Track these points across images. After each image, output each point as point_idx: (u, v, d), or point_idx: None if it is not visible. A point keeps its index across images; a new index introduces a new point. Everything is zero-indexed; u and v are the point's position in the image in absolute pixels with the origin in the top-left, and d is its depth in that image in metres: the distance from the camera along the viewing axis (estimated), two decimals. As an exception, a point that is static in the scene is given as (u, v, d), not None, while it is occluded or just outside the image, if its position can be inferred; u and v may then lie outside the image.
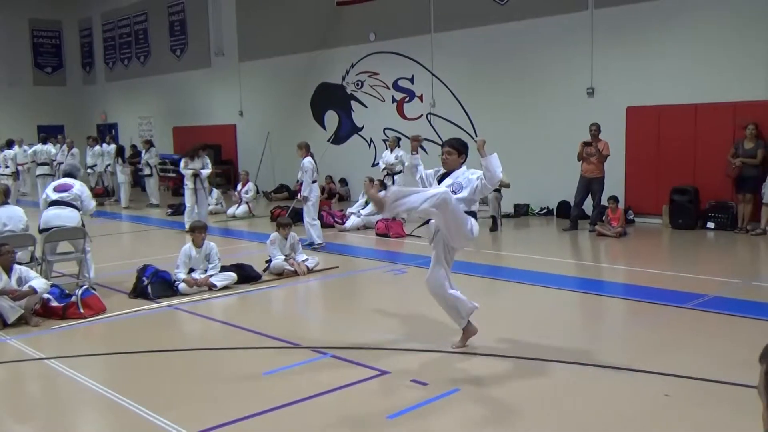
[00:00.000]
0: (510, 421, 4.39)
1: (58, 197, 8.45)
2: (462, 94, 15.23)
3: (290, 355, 5.78)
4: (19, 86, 26.50)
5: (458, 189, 5.64)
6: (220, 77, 21.37)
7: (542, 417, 4.42)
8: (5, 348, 6.22)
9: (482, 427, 4.31)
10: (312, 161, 11.03)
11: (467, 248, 10.73)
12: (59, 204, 8.41)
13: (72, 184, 8.63)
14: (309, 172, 10.92)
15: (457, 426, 4.32)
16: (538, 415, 4.44)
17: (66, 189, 8.52)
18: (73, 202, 8.47)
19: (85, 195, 8.65)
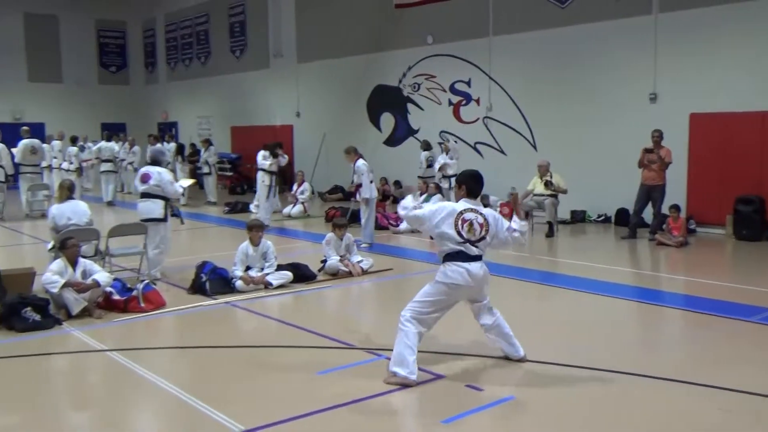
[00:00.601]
0: (566, 430, 4.32)
1: (143, 189, 8.73)
2: (520, 98, 15.09)
3: (344, 356, 5.80)
4: (85, 85, 27.27)
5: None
6: (278, 78, 21.61)
7: (598, 428, 4.34)
8: (69, 339, 6.40)
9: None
10: (365, 163, 11.14)
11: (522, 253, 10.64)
12: (145, 196, 8.70)
13: (151, 174, 8.75)
14: (365, 173, 11.04)
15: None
16: (594, 426, 4.36)
17: (146, 180, 8.75)
18: (155, 192, 8.68)
19: (165, 181, 8.68)
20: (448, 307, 5.24)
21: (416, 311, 5.12)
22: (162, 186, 8.65)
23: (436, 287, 5.15)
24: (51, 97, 26.12)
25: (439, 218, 5.13)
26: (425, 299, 5.16)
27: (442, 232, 5.12)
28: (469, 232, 5.13)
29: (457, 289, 5.15)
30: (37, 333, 6.48)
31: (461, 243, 5.10)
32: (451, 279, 5.09)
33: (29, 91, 25.80)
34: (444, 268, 5.13)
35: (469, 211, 5.20)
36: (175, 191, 8.87)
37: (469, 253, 5.12)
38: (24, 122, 22.18)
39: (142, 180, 8.74)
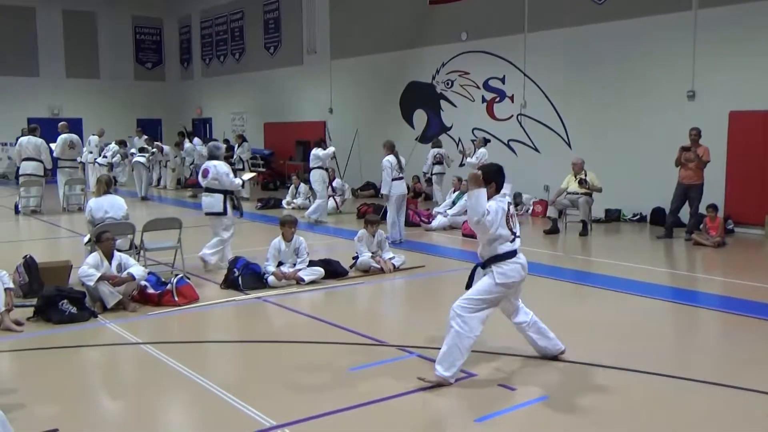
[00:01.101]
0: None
1: (204, 184, 9.06)
2: (554, 95, 14.94)
3: (376, 353, 5.79)
4: (121, 80, 27.64)
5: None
6: (312, 74, 21.68)
7: (634, 430, 4.26)
8: (104, 331, 6.48)
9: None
10: (390, 160, 11.16)
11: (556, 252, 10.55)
12: (206, 191, 9.05)
13: (209, 169, 9.03)
14: (386, 170, 11.09)
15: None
16: (630, 428, 4.28)
17: (205, 175, 9.07)
18: (215, 186, 8.94)
19: (221, 174, 8.93)
20: (497, 304, 5.17)
21: (472, 309, 4.97)
22: (219, 179, 8.89)
23: (496, 288, 5.03)
24: (88, 93, 26.52)
25: (498, 221, 5.01)
26: (482, 297, 5.01)
27: (500, 234, 5.01)
28: (514, 225, 5.16)
29: (513, 287, 5.15)
30: (73, 325, 6.58)
31: (513, 239, 5.09)
32: (512, 278, 5.05)
33: (67, 87, 26.22)
34: (502, 269, 5.02)
35: (509, 205, 5.19)
36: (232, 183, 9.09)
37: (517, 247, 5.12)
38: (62, 117, 22.55)
39: (203, 175, 9.07)
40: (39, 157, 15.28)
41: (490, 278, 5.03)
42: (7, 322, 6.39)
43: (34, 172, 15.20)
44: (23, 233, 13.43)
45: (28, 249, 9.07)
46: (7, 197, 18.63)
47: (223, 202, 8.97)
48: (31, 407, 4.63)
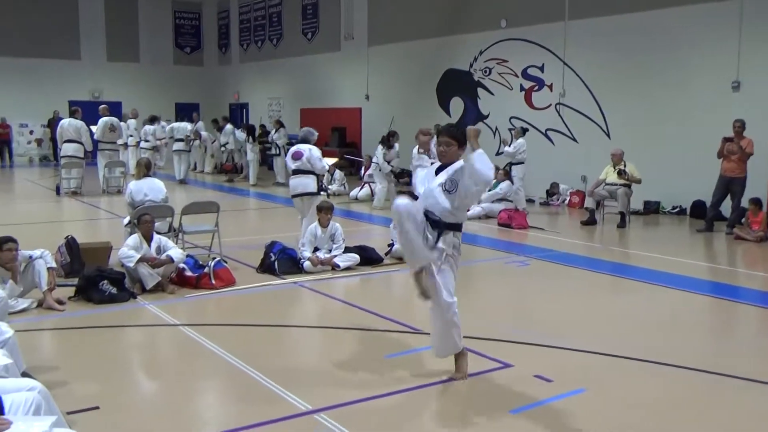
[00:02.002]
0: (644, 429, 4.20)
1: (295, 166, 9.28)
2: (594, 85, 14.72)
3: (411, 340, 5.79)
4: (161, 65, 27.91)
5: (452, 188, 4.64)
6: (349, 61, 21.66)
7: (674, 426, 4.21)
8: (143, 312, 6.59)
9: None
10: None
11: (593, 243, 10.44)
12: (298, 172, 9.25)
13: (302, 151, 9.28)
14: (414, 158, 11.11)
15: (584, 427, 4.17)
16: (670, 424, 4.23)
17: (298, 157, 9.26)
18: (306, 168, 9.20)
19: (315, 158, 9.27)
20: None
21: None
22: (312, 162, 9.21)
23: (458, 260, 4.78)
24: (128, 77, 26.82)
25: None
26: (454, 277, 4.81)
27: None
28: None
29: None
30: (112, 305, 6.70)
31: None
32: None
33: (108, 71, 26.56)
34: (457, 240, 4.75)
35: None
36: (322, 167, 9.42)
37: None
38: (102, 101, 22.87)
39: (295, 157, 9.26)
40: (80, 139, 15.51)
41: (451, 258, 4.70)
42: (50, 300, 6.52)
43: (74, 154, 15.45)
44: (64, 214, 13.68)
45: (69, 230, 9.24)
46: (48, 179, 19.00)
47: (317, 183, 9.31)
48: (72, 385, 4.73)
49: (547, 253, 9.55)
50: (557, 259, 9.16)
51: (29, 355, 4.82)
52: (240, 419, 4.23)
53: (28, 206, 14.67)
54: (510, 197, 13.10)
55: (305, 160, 9.23)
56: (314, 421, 4.21)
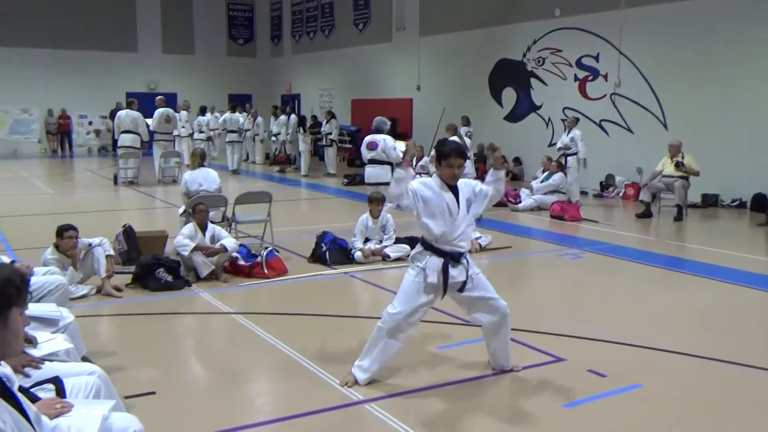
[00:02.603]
0: (701, 427, 4.10)
1: (370, 156, 9.61)
2: (651, 74, 14.38)
3: (462, 332, 5.76)
4: (214, 57, 28.29)
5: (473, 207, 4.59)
6: (400, 51, 21.60)
7: (735, 425, 4.09)
8: (197, 300, 6.70)
9: (669, 429, 4.05)
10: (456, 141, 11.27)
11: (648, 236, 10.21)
12: (373, 162, 9.61)
13: (377, 141, 9.61)
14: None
15: (639, 424, 4.08)
16: (731, 423, 4.11)
17: (373, 148, 9.62)
18: (381, 158, 9.57)
19: (389, 147, 9.61)
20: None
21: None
22: (387, 152, 9.56)
23: None
24: (183, 68, 27.28)
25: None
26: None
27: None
28: None
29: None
30: (168, 293, 6.83)
31: None
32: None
33: (163, 63, 27.06)
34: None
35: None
36: (397, 156, 9.66)
37: None
38: (158, 92, 23.31)
39: (370, 147, 9.58)
40: (136, 130, 15.82)
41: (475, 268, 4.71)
42: (108, 287, 6.68)
43: (131, 145, 15.78)
44: (122, 203, 14.01)
45: (126, 218, 9.44)
46: (106, 168, 19.47)
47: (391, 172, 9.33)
48: (129, 370, 4.84)
49: (600, 246, 9.38)
50: (611, 252, 9.00)
51: (88, 340, 4.94)
52: (291, 407, 4.27)
53: (87, 195, 15.06)
54: (563, 189, 12.91)
55: (380, 150, 9.53)
56: (365, 411, 4.22)
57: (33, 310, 4.03)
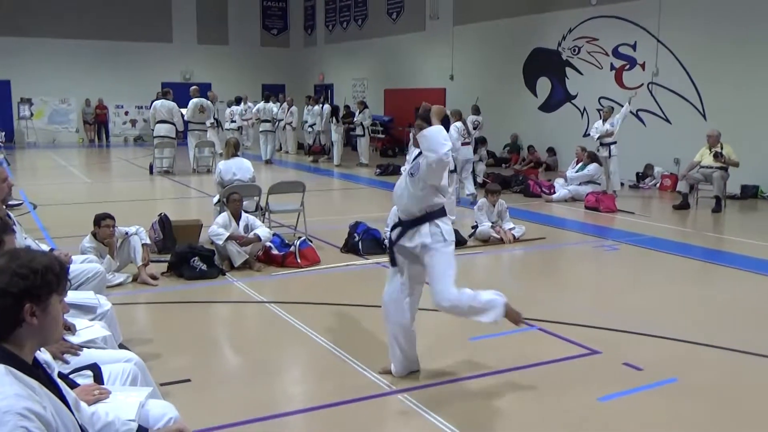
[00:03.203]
0: (743, 424, 4.02)
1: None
2: (690, 63, 14.10)
3: (495, 324, 5.70)
4: (248, 47, 28.43)
5: (415, 170, 4.23)
6: (433, 41, 21.48)
7: (774, 421, 4.02)
8: (231, 289, 6.75)
9: (706, 425, 3.99)
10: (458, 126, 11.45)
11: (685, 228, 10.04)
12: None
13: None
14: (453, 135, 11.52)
15: (675, 419, 4.03)
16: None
17: None
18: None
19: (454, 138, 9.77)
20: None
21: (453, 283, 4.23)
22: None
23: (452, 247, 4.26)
24: (217, 58, 27.48)
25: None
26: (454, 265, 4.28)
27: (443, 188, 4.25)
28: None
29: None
30: (203, 281, 6.89)
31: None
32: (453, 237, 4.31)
33: (198, 53, 27.27)
34: (446, 225, 4.26)
35: None
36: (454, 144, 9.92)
37: None
38: (193, 82, 23.52)
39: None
40: (171, 120, 15.98)
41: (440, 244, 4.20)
42: (144, 276, 6.76)
43: (167, 134, 15.94)
44: (157, 192, 14.17)
45: (161, 207, 9.55)
46: (142, 158, 19.71)
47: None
48: (165, 357, 4.90)
49: (636, 238, 9.25)
50: (647, 244, 8.87)
51: (124, 327, 5.00)
52: (324, 396, 4.28)
53: (123, 184, 15.27)
54: (598, 180, 12.74)
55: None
56: (396, 401, 4.22)
57: (71, 297, 4.09)
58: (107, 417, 2.43)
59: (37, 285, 2.03)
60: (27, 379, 2.00)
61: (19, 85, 24.48)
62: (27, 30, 24.08)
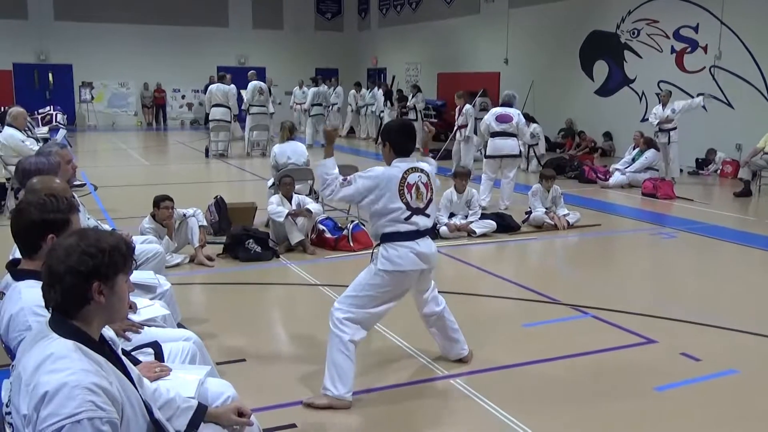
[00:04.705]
0: (798, 414, 3.92)
1: (500, 128, 9.88)
2: (755, 46, 13.61)
3: (549, 310, 5.67)
4: (302, 31, 28.55)
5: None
6: (488, 24, 21.23)
7: (839, 416, 3.89)
8: (286, 271, 6.84)
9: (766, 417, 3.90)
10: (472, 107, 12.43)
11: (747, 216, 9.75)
12: (503, 134, 9.91)
13: (512, 115, 9.93)
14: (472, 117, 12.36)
15: (736, 410, 3.94)
16: (835, 414, 3.92)
17: (506, 120, 9.86)
18: (511, 131, 9.89)
19: (522, 123, 10.00)
20: (393, 299, 4.08)
21: (353, 310, 3.97)
22: (520, 127, 9.96)
23: (377, 278, 3.95)
24: (272, 43, 27.66)
25: (376, 192, 3.96)
26: (363, 294, 3.98)
27: (384, 208, 3.95)
28: (417, 198, 3.99)
29: (404, 278, 4.00)
30: (257, 263, 7.00)
31: (408, 216, 3.98)
32: (400, 266, 3.94)
33: (253, 37, 27.48)
34: (387, 253, 3.94)
35: (411, 172, 4.03)
36: (526, 132, 10.38)
37: (419, 228, 4.00)
38: (248, 66, 23.75)
39: (502, 120, 9.89)
40: (227, 104, 16.16)
41: (371, 264, 4.02)
42: (201, 257, 6.90)
43: (222, 118, 16.13)
44: (212, 175, 14.40)
45: (217, 190, 9.69)
46: (198, 141, 20.03)
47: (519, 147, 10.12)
48: (221, 337, 4.99)
49: (696, 226, 9.04)
50: (707, 232, 8.66)
51: (182, 307, 5.11)
52: (377, 380, 4.31)
53: (180, 167, 15.56)
54: (656, 166, 12.45)
55: (514, 124, 9.84)
56: (450, 385, 4.23)
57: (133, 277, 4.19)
58: (168, 394, 2.49)
59: (105, 264, 2.09)
60: (94, 355, 2.07)
61: (81, 70, 25.09)
62: (88, 16, 24.63)
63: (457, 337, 4.49)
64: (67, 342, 2.04)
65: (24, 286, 2.69)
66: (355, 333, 3.96)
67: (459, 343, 4.50)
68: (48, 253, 2.13)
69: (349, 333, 3.93)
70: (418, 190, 3.99)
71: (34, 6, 24.18)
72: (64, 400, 1.91)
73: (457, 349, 4.50)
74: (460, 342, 4.50)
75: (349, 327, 3.95)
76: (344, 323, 3.95)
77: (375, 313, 4.03)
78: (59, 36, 24.45)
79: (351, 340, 3.93)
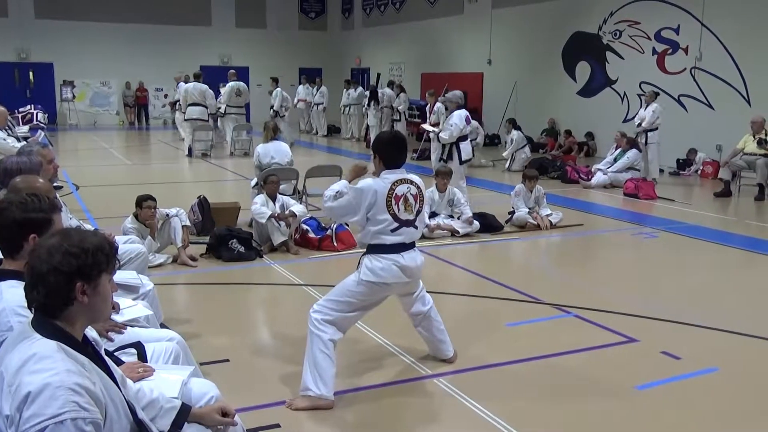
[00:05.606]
0: (777, 411, 3.98)
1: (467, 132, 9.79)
2: (735, 48, 13.77)
3: (532, 310, 5.71)
4: (286, 31, 28.49)
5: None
6: (471, 24, 21.30)
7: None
8: (269, 271, 6.83)
9: (751, 414, 3.94)
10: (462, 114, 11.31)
11: (727, 216, 9.86)
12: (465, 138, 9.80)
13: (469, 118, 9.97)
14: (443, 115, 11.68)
15: (716, 407, 3.99)
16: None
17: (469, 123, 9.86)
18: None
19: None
20: (372, 306, 4.18)
21: (332, 313, 4.01)
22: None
23: (360, 287, 4.00)
24: (255, 42, 27.57)
25: (365, 205, 3.97)
26: (344, 299, 4.03)
27: (371, 220, 3.98)
28: (406, 210, 4.00)
29: (386, 289, 4.08)
30: (240, 263, 6.98)
31: (396, 228, 4.00)
32: (382, 278, 3.99)
33: (236, 36, 27.38)
34: (372, 264, 3.99)
35: (400, 183, 4.02)
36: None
37: (404, 241, 4.03)
38: (230, 66, 23.67)
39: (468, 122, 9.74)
40: (204, 103, 16.04)
41: (355, 274, 4.07)
42: (184, 257, 6.87)
43: (199, 117, 16.03)
44: (195, 174, 14.33)
45: (200, 190, 9.65)
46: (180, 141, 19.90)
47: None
48: (205, 337, 4.98)
49: (676, 226, 9.13)
50: (688, 232, 8.75)
51: (165, 307, 5.10)
52: (361, 379, 4.32)
53: (163, 166, 15.47)
54: (637, 166, 12.55)
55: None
56: (433, 384, 4.25)
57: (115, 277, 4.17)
58: (152, 394, 2.49)
59: (88, 264, 2.08)
60: (78, 356, 2.06)
61: (62, 68, 24.88)
62: (69, 14, 24.43)
63: (442, 338, 4.52)
64: (50, 342, 2.04)
65: (6, 286, 2.67)
66: (334, 333, 4.00)
67: (444, 344, 4.53)
68: (31, 253, 2.13)
69: (329, 333, 3.98)
70: (407, 201, 4.00)
71: (14, 3, 23.95)
72: (47, 401, 1.91)
73: (443, 350, 4.53)
74: (445, 343, 4.53)
75: (328, 327, 3.99)
76: (323, 324, 3.99)
77: (352, 317, 4.10)
78: (40, 34, 24.24)
79: (331, 339, 3.97)
